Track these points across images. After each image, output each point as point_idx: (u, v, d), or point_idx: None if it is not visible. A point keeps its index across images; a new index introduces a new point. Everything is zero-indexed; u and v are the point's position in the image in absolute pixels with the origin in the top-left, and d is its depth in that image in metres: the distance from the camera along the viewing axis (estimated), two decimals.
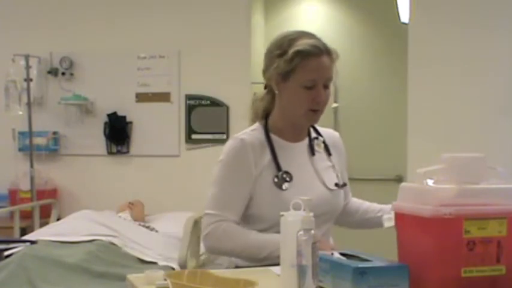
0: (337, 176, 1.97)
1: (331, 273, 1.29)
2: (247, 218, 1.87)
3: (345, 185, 2.00)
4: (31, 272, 2.73)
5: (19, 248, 3.04)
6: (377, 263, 1.27)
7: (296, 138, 1.94)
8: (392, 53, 4.82)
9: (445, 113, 3.77)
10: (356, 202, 2.17)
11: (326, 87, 1.85)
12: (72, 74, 4.50)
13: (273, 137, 1.91)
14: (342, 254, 1.39)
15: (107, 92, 4.45)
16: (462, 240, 1.22)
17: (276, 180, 1.82)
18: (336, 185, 1.94)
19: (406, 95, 3.89)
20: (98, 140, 4.46)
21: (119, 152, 4.47)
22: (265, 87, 1.96)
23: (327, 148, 1.99)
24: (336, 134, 2.11)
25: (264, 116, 1.95)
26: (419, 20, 3.83)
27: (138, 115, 4.44)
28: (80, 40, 4.50)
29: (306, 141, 1.96)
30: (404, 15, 4.21)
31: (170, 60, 4.40)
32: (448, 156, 1.30)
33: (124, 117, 4.43)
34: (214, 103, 4.30)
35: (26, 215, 4.11)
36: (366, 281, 1.20)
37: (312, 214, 1.31)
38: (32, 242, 3.18)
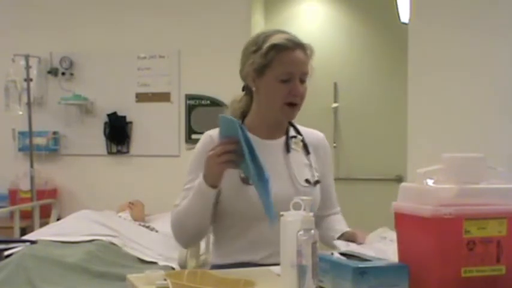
0: (313, 175, 1.92)
1: (331, 273, 1.29)
2: (217, 214, 1.87)
3: (317, 182, 1.92)
4: (31, 272, 2.73)
5: (19, 248, 3.04)
6: (377, 263, 1.27)
7: (271, 136, 1.94)
8: (392, 53, 4.82)
9: (445, 113, 3.77)
10: (336, 220, 2.06)
11: (302, 81, 1.86)
12: (72, 74, 4.50)
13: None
14: (342, 254, 1.39)
15: (107, 92, 4.45)
16: (462, 240, 1.22)
17: (242, 175, 1.81)
18: (307, 181, 1.89)
19: (406, 95, 3.90)
20: (98, 140, 4.46)
21: (119, 152, 4.47)
22: (243, 89, 1.98)
23: (305, 147, 1.97)
24: (320, 135, 2.06)
25: (242, 116, 1.97)
26: (419, 20, 3.83)
27: (138, 115, 4.44)
28: (80, 40, 4.50)
29: (283, 139, 1.95)
30: (404, 15, 4.21)
31: (170, 60, 4.40)
32: (448, 156, 1.30)
33: (124, 117, 4.44)
34: (214, 103, 4.30)
35: (26, 215, 4.11)
36: (366, 281, 1.20)
37: (311, 214, 1.31)
38: (32, 242, 3.18)
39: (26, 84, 4.27)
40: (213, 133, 1.91)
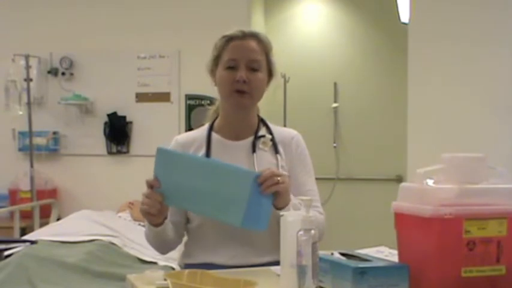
0: None
1: (331, 273, 1.29)
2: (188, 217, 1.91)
3: None
4: (31, 272, 2.72)
5: (19, 248, 3.03)
6: (377, 263, 1.27)
7: (238, 137, 1.92)
8: (393, 53, 4.83)
9: (445, 113, 3.77)
10: None
11: (254, 70, 1.84)
12: (72, 74, 4.50)
13: (215, 135, 1.94)
14: (342, 254, 1.39)
15: (107, 92, 4.45)
16: (462, 240, 1.22)
17: None
18: None
19: (406, 95, 3.90)
20: (98, 140, 4.46)
21: (119, 152, 4.47)
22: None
23: (274, 146, 1.92)
24: (293, 132, 1.99)
25: (215, 116, 2.01)
26: (419, 20, 3.83)
27: (138, 115, 4.44)
28: (80, 40, 4.50)
29: (250, 139, 1.92)
30: (404, 15, 4.21)
31: (170, 60, 4.40)
32: (448, 156, 1.30)
33: (124, 117, 4.44)
34: (214, 103, 4.30)
35: (26, 215, 4.11)
36: (366, 281, 1.20)
37: (313, 214, 1.31)
38: (32, 242, 3.18)
39: (26, 84, 4.27)
40: (179, 137, 2.00)
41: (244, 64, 1.83)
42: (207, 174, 1.61)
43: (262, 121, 1.98)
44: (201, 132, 1.98)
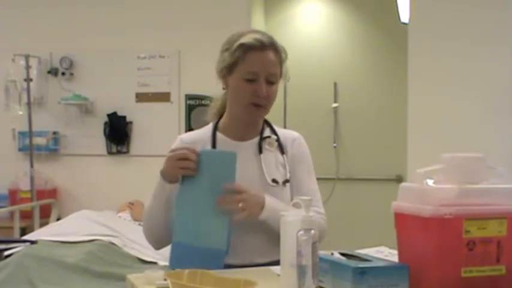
0: (284, 174, 1.88)
1: (331, 273, 1.29)
2: None
3: (286, 181, 1.87)
4: (31, 272, 2.72)
5: (19, 248, 3.03)
6: (377, 263, 1.27)
7: (243, 137, 1.92)
8: (393, 53, 4.83)
9: (445, 113, 3.77)
10: None
11: (271, 83, 1.84)
12: (72, 74, 4.50)
13: (219, 135, 1.93)
14: (342, 254, 1.39)
15: (107, 92, 4.45)
16: (462, 240, 1.22)
17: None
18: (274, 181, 1.85)
19: (406, 94, 3.90)
20: (98, 140, 4.46)
21: (119, 152, 4.47)
22: (224, 88, 1.97)
23: (280, 146, 1.93)
24: (294, 135, 1.99)
25: (218, 115, 1.99)
26: (419, 20, 3.84)
27: (138, 115, 4.44)
28: (80, 40, 4.50)
29: (256, 140, 1.92)
30: (404, 15, 4.21)
31: (170, 60, 4.40)
32: (448, 156, 1.30)
33: (124, 117, 4.44)
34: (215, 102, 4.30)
35: (26, 215, 4.11)
36: (366, 281, 1.20)
37: (312, 214, 1.31)
38: (32, 242, 3.17)
39: (26, 84, 4.27)
40: (185, 136, 1.97)
41: (264, 78, 1.82)
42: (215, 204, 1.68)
43: (266, 122, 1.98)
44: (205, 131, 1.97)
